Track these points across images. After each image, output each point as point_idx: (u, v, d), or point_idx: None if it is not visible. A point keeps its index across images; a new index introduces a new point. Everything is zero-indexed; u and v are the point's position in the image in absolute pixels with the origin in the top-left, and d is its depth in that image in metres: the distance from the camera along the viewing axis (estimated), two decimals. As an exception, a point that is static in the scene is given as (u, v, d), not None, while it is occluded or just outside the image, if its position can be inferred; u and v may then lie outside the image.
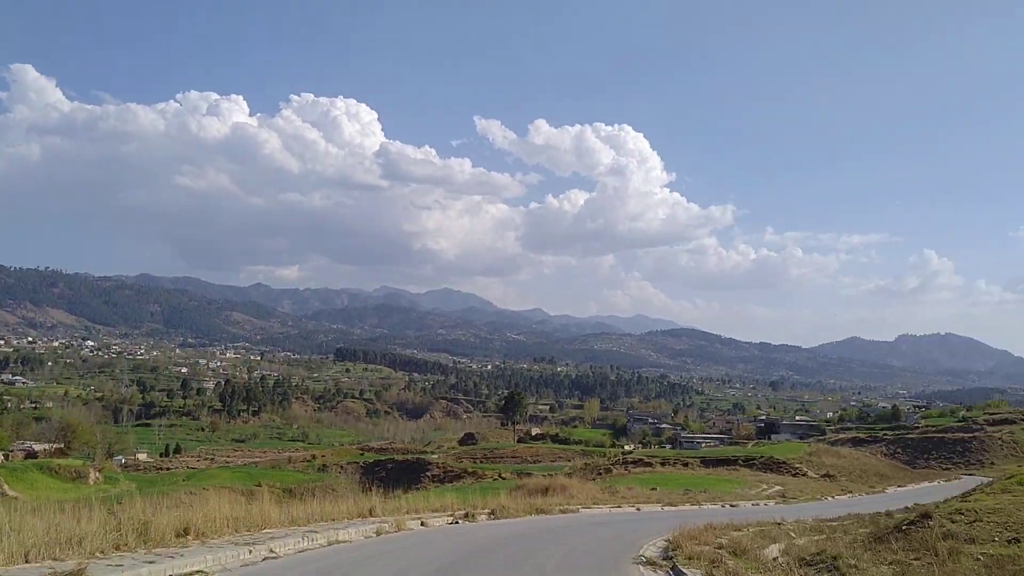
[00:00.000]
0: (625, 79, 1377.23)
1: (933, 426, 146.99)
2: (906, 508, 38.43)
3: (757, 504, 50.19)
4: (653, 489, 53.97)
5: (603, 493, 46.57)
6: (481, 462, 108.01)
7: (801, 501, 55.62)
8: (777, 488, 64.11)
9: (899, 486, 78.18)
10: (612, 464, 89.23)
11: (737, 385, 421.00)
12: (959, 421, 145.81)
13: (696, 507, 43.71)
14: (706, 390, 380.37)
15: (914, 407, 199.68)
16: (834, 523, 34.65)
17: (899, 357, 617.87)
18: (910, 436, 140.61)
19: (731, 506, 47.13)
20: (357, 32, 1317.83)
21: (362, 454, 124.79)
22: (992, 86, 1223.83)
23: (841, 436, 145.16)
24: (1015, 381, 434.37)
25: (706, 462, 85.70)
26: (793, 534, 28.64)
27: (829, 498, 60.68)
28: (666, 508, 41.46)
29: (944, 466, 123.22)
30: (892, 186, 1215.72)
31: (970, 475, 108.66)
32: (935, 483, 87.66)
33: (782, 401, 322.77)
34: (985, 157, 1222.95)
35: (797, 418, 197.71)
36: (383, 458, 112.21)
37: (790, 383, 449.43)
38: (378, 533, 21.73)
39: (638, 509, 39.15)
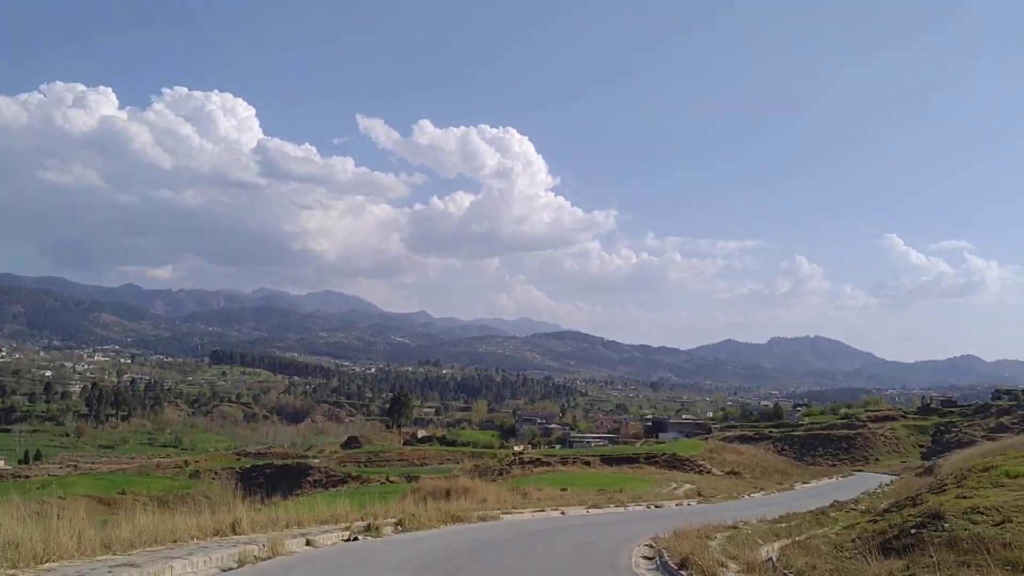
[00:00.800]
0: (509, 81, 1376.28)
1: (818, 423, 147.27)
2: (861, 505, 35.27)
3: (681, 504, 45.06)
4: (564, 490, 48.21)
5: (514, 495, 40.33)
6: (366, 466, 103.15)
7: (720, 500, 51.31)
8: (689, 486, 59.50)
9: (804, 483, 75.13)
10: (508, 465, 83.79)
11: (619, 386, 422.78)
12: (842, 419, 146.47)
13: (621, 509, 38.35)
14: (590, 391, 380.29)
15: (795, 405, 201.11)
16: (784, 524, 29.89)
17: (771, 359, 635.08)
18: (796, 433, 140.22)
19: (655, 507, 42.00)
20: (234, 24, 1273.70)
21: (239, 459, 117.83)
22: (858, 106, 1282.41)
23: (728, 434, 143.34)
24: (879, 382, 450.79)
25: (607, 460, 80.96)
26: (760, 540, 23.36)
27: (746, 496, 56.46)
28: (591, 511, 35.89)
29: (831, 462, 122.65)
30: (766, 195, 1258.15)
31: (860, 471, 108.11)
32: (834, 479, 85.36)
33: (662, 401, 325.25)
34: (852, 170, 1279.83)
35: (684, 417, 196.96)
36: (261, 463, 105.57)
37: (669, 384, 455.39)
38: (241, 562, 14.46)
39: (563, 513, 33.39)
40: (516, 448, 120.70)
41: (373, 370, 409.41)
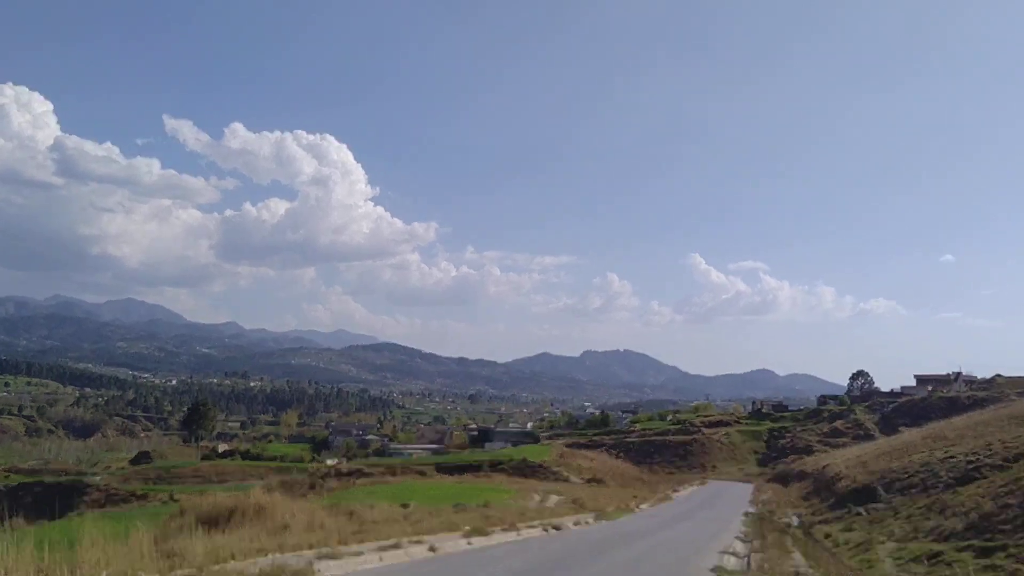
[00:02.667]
0: (328, 87, 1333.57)
1: (651, 429, 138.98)
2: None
3: (581, 524, 31.00)
4: (405, 506, 32.69)
5: (335, 517, 24.84)
6: (155, 483, 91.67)
7: (615, 514, 37.71)
8: (559, 497, 45.59)
9: (674, 490, 63.17)
10: (322, 477, 68.68)
11: (437, 399, 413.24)
12: (676, 424, 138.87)
13: (515, 535, 23.65)
14: (407, 404, 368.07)
15: (622, 412, 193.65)
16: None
17: (584, 371, 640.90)
18: (631, 440, 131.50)
19: (554, 528, 27.46)
20: (31, 12, 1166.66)
21: (7, 476, 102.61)
22: (670, 132, 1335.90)
23: (559, 442, 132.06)
24: (684, 394, 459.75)
25: (445, 469, 66.10)
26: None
27: (637, 509, 43.16)
28: (474, 540, 20.82)
29: (668, 470, 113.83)
30: (582, 213, 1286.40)
31: (712, 479, 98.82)
32: (696, 487, 74.53)
33: (481, 413, 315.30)
34: (661, 193, 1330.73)
35: (510, 426, 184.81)
36: (30, 480, 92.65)
37: (487, 396, 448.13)
38: None
39: (432, 550, 17.82)
40: (328, 461, 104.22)
41: (174, 382, 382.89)
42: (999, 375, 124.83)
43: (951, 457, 39.53)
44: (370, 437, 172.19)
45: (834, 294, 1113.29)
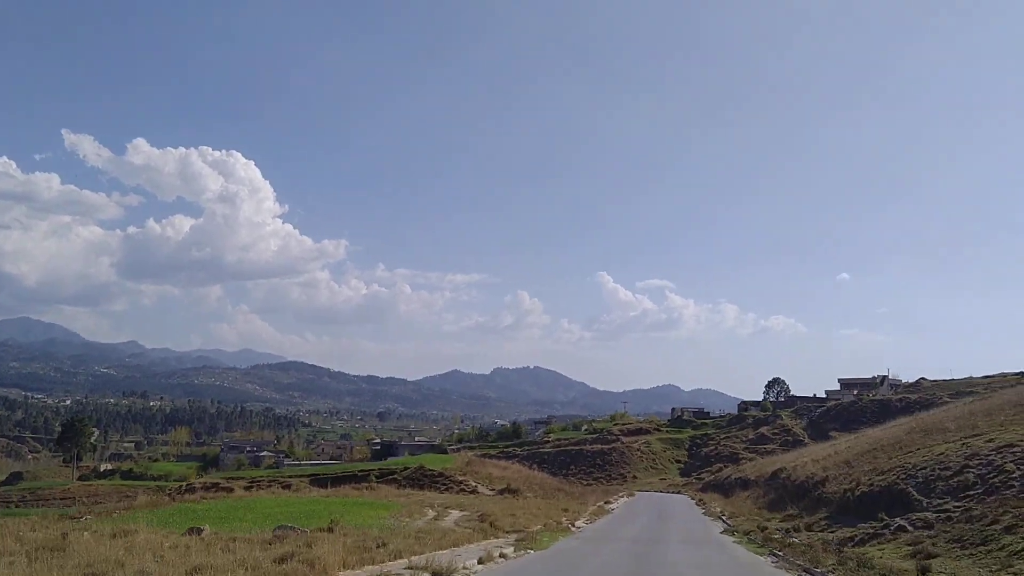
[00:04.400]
0: (234, 102, 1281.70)
1: (567, 439, 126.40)
2: None
3: (490, 560, 16.93)
4: (197, 531, 17.88)
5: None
6: (17, 506, 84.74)
7: (549, 538, 24.45)
8: (462, 513, 31.82)
9: (606, 502, 49.94)
10: (180, 493, 54.78)
11: (345, 417, 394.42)
12: (592, 433, 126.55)
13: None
14: (314, 422, 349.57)
15: (535, 423, 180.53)
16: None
17: (494, 388, 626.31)
18: (545, 450, 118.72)
19: None
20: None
21: None
22: (577, 147, 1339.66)
23: (469, 455, 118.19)
24: (592, 410, 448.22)
25: (320, 480, 51.52)
26: None
27: (572, 527, 29.49)
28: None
29: (586, 481, 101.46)
30: (493, 231, 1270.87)
31: (637, 489, 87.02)
32: (627, 498, 61.83)
33: (389, 431, 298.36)
34: (569, 211, 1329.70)
35: (416, 439, 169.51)
36: None
37: (396, 414, 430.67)
38: None
39: None
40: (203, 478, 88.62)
41: (68, 402, 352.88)
42: (923, 378, 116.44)
43: (1009, 448, 27.45)
44: (264, 454, 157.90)
45: (737, 311, 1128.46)
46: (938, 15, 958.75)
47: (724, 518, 39.60)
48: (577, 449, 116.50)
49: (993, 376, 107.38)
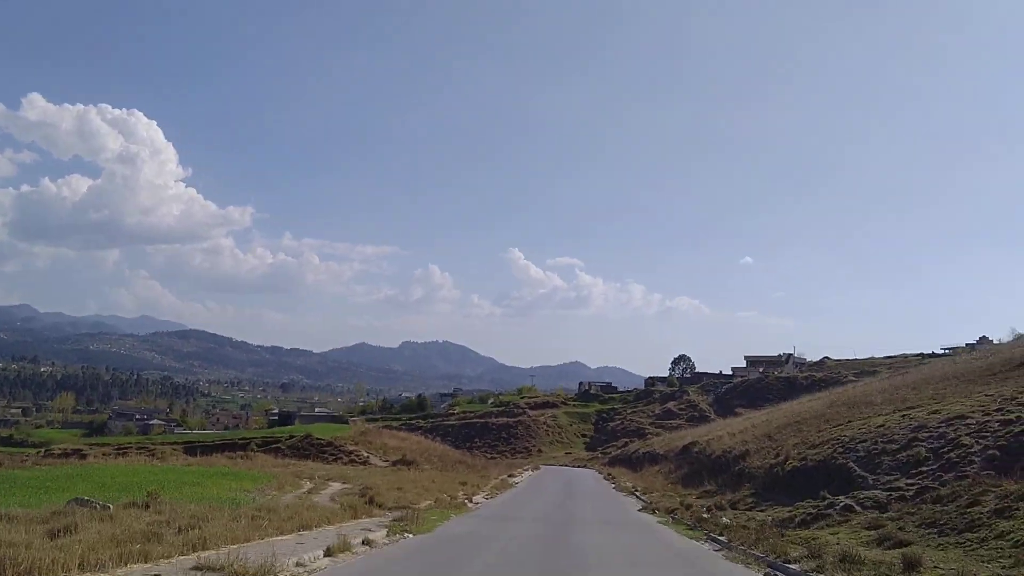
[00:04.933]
0: (136, 59, 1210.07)
1: (473, 412, 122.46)
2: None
3: (343, 552, 12.01)
4: None
5: None
6: None
7: (439, 516, 20.09)
8: (343, 486, 27.30)
9: (511, 475, 45.90)
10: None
11: (247, 388, 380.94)
12: (498, 407, 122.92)
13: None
14: (214, 392, 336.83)
15: (441, 396, 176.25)
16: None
17: (402, 362, 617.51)
18: (450, 423, 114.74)
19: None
20: None
21: None
22: (495, 127, 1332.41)
23: (366, 425, 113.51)
24: (500, 386, 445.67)
25: (195, 448, 45.85)
26: None
27: (470, 503, 25.33)
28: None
29: (491, 454, 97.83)
30: (406, 204, 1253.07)
31: (542, 463, 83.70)
32: (532, 472, 58.12)
33: (292, 402, 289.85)
34: (482, 186, 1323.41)
35: (316, 410, 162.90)
36: None
37: (300, 386, 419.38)
38: None
39: None
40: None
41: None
42: (827, 357, 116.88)
43: (960, 420, 24.22)
44: (155, 422, 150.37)
45: (644, 291, 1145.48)
46: (840, 8, 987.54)
47: (638, 494, 35.90)
48: (482, 422, 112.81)
49: (895, 357, 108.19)
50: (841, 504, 21.64)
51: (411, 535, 15.79)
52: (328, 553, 12.07)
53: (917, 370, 53.41)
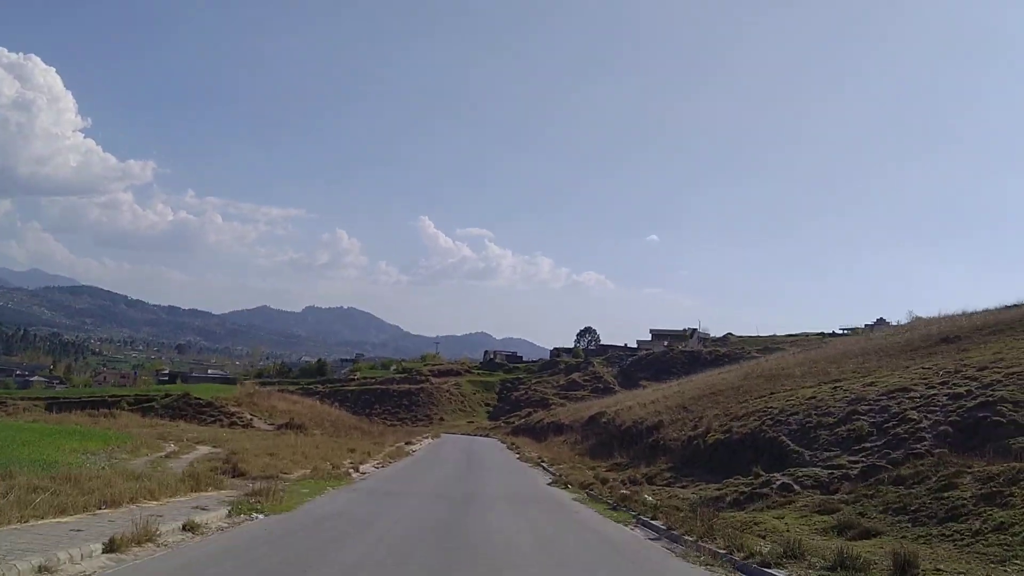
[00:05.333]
0: (36, 2, 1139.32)
1: (374, 378, 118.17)
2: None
3: (124, 547, 7.87)
4: None
5: None
6: None
7: (311, 489, 15.77)
8: (207, 450, 23.30)
9: (408, 443, 42.33)
10: None
11: (140, 347, 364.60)
12: (401, 373, 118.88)
13: None
14: (105, 351, 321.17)
15: (342, 361, 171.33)
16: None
17: (305, 327, 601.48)
18: (349, 388, 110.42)
19: None
20: None
21: None
22: (407, 97, 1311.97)
23: (256, 387, 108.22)
24: (405, 354, 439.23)
25: (57, 405, 40.57)
26: None
27: (357, 472, 21.62)
28: None
29: (391, 421, 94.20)
30: (315, 165, 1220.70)
31: (443, 431, 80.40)
32: (431, 439, 54.71)
33: (188, 363, 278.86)
34: (395, 153, 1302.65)
35: (210, 372, 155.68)
36: None
37: (198, 348, 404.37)
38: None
39: None
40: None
41: None
42: (731, 333, 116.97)
43: (903, 392, 21.89)
44: (36, 379, 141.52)
45: (551, 265, 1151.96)
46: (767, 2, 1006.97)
47: (545, 465, 32.85)
48: (383, 388, 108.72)
49: (796, 335, 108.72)
50: (778, 483, 18.91)
51: (261, 515, 12.00)
52: (111, 547, 8.27)
53: (831, 345, 52.01)
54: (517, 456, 40.14)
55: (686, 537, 12.12)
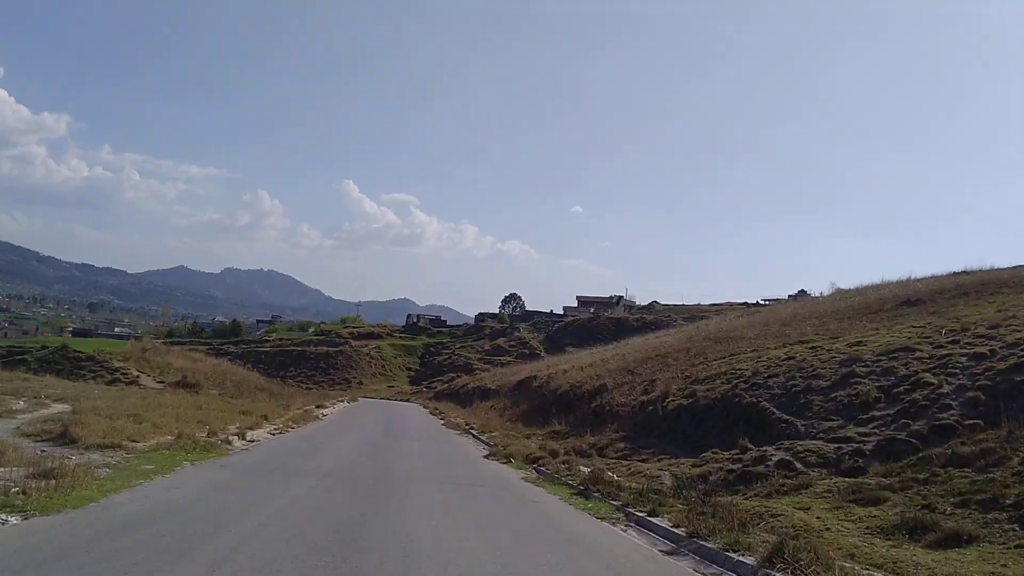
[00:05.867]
0: None
1: (290, 339, 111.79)
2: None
3: None
4: None
5: None
6: None
7: (146, 467, 9.94)
8: (61, 408, 17.28)
9: (319, 407, 37.34)
10: None
11: (51, 305, 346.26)
12: (320, 335, 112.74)
13: None
14: (14, 308, 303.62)
15: (259, 322, 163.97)
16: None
17: (223, 289, 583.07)
18: (263, 350, 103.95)
19: None
20: None
21: None
22: (331, 58, 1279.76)
23: (153, 343, 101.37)
24: (325, 318, 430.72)
25: None
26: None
27: (242, 441, 16.31)
28: None
29: (306, 385, 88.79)
30: (238, 125, 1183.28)
31: (362, 396, 75.57)
32: (348, 404, 49.94)
33: (100, 322, 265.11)
34: (320, 114, 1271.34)
35: (116, 330, 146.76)
36: None
37: (111, 307, 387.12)
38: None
39: None
40: None
41: None
42: (656, 301, 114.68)
43: (907, 352, 18.22)
44: None
45: (477, 233, 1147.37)
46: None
47: (475, 432, 28.46)
48: (300, 350, 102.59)
49: (721, 304, 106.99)
50: (775, 459, 14.87)
51: (16, 518, 7.07)
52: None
53: (769, 311, 48.86)
54: (442, 422, 35.71)
55: (730, 554, 7.67)
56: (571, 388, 34.35)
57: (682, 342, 36.11)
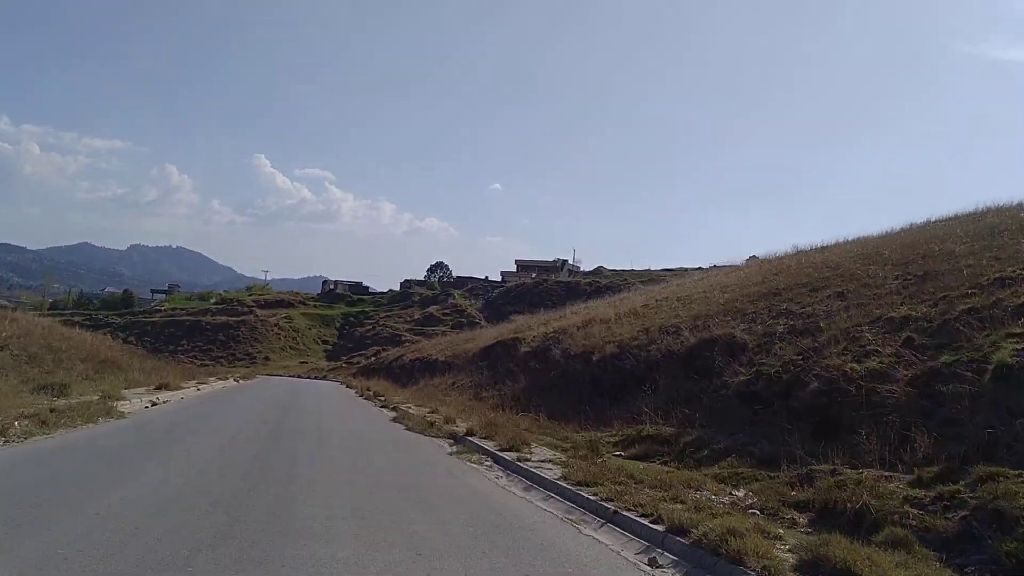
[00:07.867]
0: None
1: (183, 309, 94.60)
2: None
3: None
4: None
5: None
6: None
7: None
8: None
9: (181, 385, 21.73)
10: None
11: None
12: (220, 304, 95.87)
13: None
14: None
15: (153, 292, 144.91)
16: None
17: (129, 266, 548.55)
18: (152, 320, 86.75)
19: None
20: None
21: None
22: (235, 28, 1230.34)
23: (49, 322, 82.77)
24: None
25: None
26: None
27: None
28: None
29: (200, 360, 73.01)
30: (144, 96, 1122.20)
31: (267, 373, 60.48)
32: (234, 382, 34.57)
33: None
34: (228, 84, 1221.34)
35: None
36: None
37: (9, 284, 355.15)
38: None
39: None
40: None
41: None
42: (602, 266, 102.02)
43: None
44: None
45: (394, 210, 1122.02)
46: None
47: (448, 422, 13.78)
48: (194, 320, 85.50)
49: (673, 269, 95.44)
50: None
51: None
52: None
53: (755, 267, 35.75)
54: (391, 414, 20.90)
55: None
56: (583, 350, 20.01)
57: (756, 282, 22.26)
